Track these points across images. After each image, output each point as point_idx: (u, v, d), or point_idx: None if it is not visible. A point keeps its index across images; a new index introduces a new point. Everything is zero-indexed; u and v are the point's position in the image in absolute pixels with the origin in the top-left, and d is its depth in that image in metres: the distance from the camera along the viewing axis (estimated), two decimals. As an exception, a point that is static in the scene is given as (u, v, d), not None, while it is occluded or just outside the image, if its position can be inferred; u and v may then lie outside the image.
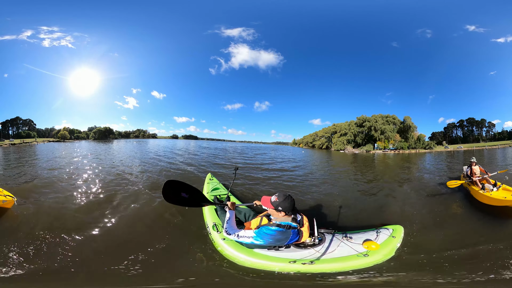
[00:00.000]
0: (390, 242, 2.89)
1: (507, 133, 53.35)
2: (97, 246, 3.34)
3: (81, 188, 6.04)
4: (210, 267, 2.92)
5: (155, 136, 76.63)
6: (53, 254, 3.07)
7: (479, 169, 6.16)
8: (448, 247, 3.40)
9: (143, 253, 3.12)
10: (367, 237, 2.99)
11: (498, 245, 3.39)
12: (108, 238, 3.59)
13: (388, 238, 2.96)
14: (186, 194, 2.90)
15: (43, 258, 2.97)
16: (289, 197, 2.68)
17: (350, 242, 2.90)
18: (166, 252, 3.21)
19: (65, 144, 40.10)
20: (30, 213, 4.34)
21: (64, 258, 2.99)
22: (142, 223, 4.10)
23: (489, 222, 4.37)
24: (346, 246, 2.85)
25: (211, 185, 5.04)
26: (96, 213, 4.39)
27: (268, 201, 2.72)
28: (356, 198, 6.20)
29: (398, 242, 2.92)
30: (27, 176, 7.71)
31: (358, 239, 2.94)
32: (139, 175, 8.03)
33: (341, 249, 2.80)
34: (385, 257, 2.73)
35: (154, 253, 3.15)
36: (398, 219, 4.40)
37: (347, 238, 2.98)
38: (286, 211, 2.64)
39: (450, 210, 5.19)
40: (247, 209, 3.66)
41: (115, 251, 3.22)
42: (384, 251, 2.74)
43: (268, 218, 2.85)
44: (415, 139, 50.54)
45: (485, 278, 2.70)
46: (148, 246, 3.29)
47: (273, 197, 2.72)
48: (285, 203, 2.63)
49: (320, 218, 4.31)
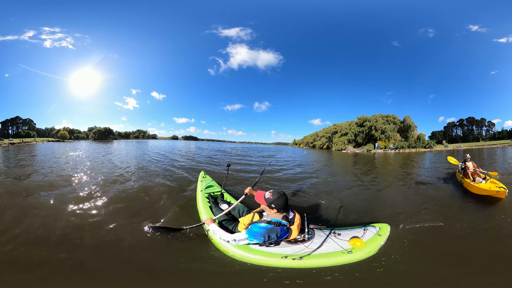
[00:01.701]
0: (375, 240, 2.96)
1: (506, 133, 53.32)
2: (95, 242, 3.40)
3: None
4: (206, 261, 3.00)
5: (155, 137, 76.77)
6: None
7: (472, 165, 7.06)
8: (435, 241, 3.51)
9: (142, 252, 3.18)
10: (354, 234, 3.05)
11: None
12: (106, 237, 3.63)
13: (374, 236, 3.02)
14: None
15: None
16: (283, 195, 2.71)
17: (337, 239, 2.97)
18: (163, 248, 3.27)
19: (65, 144, 40.13)
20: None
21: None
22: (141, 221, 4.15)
23: (476, 208, 5.10)
24: (333, 242, 2.91)
25: (205, 183, 5.12)
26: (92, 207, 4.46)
27: (262, 196, 2.74)
28: (351, 195, 6.27)
29: (383, 240, 2.98)
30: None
31: (345, 236, 3.01)
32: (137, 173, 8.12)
33: (328, 245, 2.87)
34: (367, 254, 2.79)
35: (152, 251, 3.21)
36: (388, 217, 4.46)
37: (335, 234, 3.05)
38: (279, 209, 2.67)
39: (443, 205, 5.30)
40: (241, 205, 3.71)
41: (113, 251, 3.25)
42: (367, 249, 2.80)
43: (260, 215, 2.89)
44: (415, 138, 50.59)
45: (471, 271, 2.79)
46: (147, 244, 3.36)
47: (267, 193, 2.73)
48: (279, 201, 2.65)
49: (311, 214, 4.43)
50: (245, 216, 3.07)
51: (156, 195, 5.51)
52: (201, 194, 4.52)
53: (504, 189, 5.27)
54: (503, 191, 5.20)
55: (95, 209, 4.55)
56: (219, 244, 3.12)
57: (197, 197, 4.56)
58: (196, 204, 4.42)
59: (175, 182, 6.80)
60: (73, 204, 4.70)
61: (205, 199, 4.31)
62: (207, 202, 4.19)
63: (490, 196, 5.39)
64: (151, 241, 3.44)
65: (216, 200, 4.32)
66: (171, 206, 4.78)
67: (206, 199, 4.32)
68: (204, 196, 4.44)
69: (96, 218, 4.19)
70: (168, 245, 3.36)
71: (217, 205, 4.04)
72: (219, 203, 4.12)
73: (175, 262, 2.97)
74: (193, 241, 3.46)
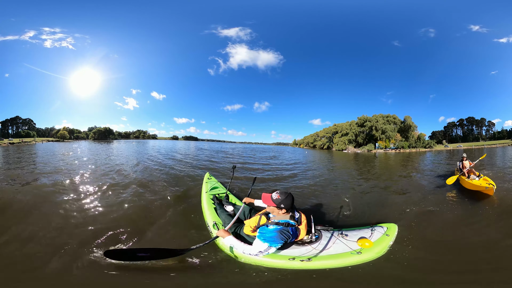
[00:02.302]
0: (384, 240, 2.95)
1: (506, 132, 53.39)
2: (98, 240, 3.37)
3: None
4: (211, 265, 2.96)
5: (155, 137, 76.73)
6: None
7: (469, 163, 7.51)
8: (439, 241, 3.52)
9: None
10: (362, 234, 3.04)
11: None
12: (106, 236, 3.61)
13: (382, 236, 3.01)
14: (144, 253, 2.77)
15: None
16: (290, 194, 2.73)
17: (345, 240, 2.96)
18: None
19: (65, 144, 40.05)
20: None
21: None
22: (143, 222, 4.13)
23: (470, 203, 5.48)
24: (341, 243, 2.90)
25: (210, 184, 5.10)
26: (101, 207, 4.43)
27: (269, 198, 2.72)
28: (354, 195, 6.26)
29: (391, 240, 2.98)
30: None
31: (353, 237, 3.00)
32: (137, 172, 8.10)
33: (336, 246, 2.86)
34: (377, 255, 2.79)
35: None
36: (393, 217, 4.46)
37: (342, 235, 3.04)
38: (287, 208, 2.68)
39: (443, 204, 5.37)
40: (246, 207, 3.69)
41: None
42: (376, 249, 2.79)
43: (266, 217, 2.87)
44: (415, 138, 50.67)
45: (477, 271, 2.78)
46: (149, 245, 3.33)
47: (274, 195, 2.72)
48: (287, 201, 2.65)
49: (317, 215, 4.41)
50: (251, 218, 3.05)
51: (158, 208, 4.79)
52: (206, 195, 4.50)
53: (493, 185, 5.78)
54: (491, 188, 5.70)
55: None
56: (225, 249, 3.05)
57: (202, 198, 4.54)
58: (201, 205, 4.41)
59: (178, 187, 6.62)
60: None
61: (210, 200, 4.29)
62: (212, 203, 4.18)
63: (480, 192, 5.93)
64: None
65: (221, 201, 4.31)
66: (177, 206, 4.76)
67: (211, 200, 4.30)
68: (209, 197, 4.42)
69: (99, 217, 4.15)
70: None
71: (222, 207, 4.02)
72: (224, 205, 4.10)
73: (178, 264, 2.93)
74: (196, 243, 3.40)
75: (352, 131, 53.96)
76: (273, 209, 2.74)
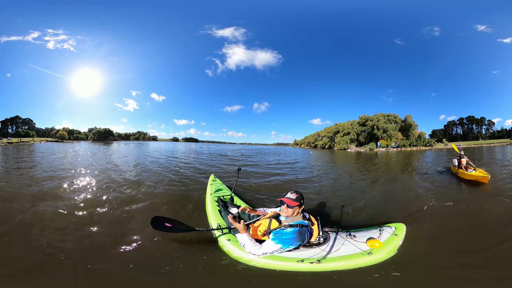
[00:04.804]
0: (393, 240, 2.92)
1: (506, 131, 53.41)
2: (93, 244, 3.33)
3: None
4: (217, 268, 2.90)
5: (155, 139, 76.65)
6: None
7: (466, 160, 8.52)
8: (449, 241, 3.46)
9: (146, 255, 3.11)
10: (370, 235, 3.01)
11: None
12: (106, 236, 3.57)
13: (390, 236, 2.98)
14: (169, 223, 3.29)
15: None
16: (299, 191, 2.89)
17: (354, 241, 2.93)
18: (170, 254, 3.20)
19: (63, 144, 39.92)
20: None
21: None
22: (146, 222, 4.08)
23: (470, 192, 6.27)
24: (350, 244, 2.87)
25: (214, 186, 5.07)
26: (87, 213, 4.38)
27: (290, 200, 2.77)
28: (359, 196, 6.21)
29: (400, 240, 2.95)
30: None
31: (361, 238, 2.97)
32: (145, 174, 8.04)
33: (345, 248, 2.82)
34: (388, 255, 2.75)
35: (158, 254, 3.15)
36: (401, 216, 4.43)
37: (351, 236, 3.01)
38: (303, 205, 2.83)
39: (448, 201, 5.36)
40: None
41: (115, 252, 3.19)
42: (387, 249, 2.76)
43: (277, 220, 2.84)
44: (416, 137, 50.75)
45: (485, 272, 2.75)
46: (152, 247, 3.29)
47: (291, 195, 2.81)
48: (302, 197, 2.82)
49: (323, 217, 4.37)
50: (259, 222, 3.00)
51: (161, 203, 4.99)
52: (210, 197, 4.46)
53: (487, 175, 6.83)
54: (486, 176, 6.77)
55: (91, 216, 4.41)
56: (231, 252, 2.97)
57: (206, 200, 4.51)
58: (205, 207, 4.37)
59: (183, 187, 6.59)
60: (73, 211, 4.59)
61: (214, 202, 4.25)
62: (216, 205, 4.14)
63: (477, 180, 6.97)
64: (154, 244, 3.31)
65: (225, 204, 4.27)
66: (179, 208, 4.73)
67: (216, 202, 4.26)
68: (213, 199, 4.38)
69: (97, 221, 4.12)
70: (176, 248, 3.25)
71: (227, 209, 3.97)
72: (228, 207, 4.06)
73: (182, 267, 2.89)
74: (199, 245, 3.35)
75: (354, 130, 53.97)
76: (293, 210, 2.77)
